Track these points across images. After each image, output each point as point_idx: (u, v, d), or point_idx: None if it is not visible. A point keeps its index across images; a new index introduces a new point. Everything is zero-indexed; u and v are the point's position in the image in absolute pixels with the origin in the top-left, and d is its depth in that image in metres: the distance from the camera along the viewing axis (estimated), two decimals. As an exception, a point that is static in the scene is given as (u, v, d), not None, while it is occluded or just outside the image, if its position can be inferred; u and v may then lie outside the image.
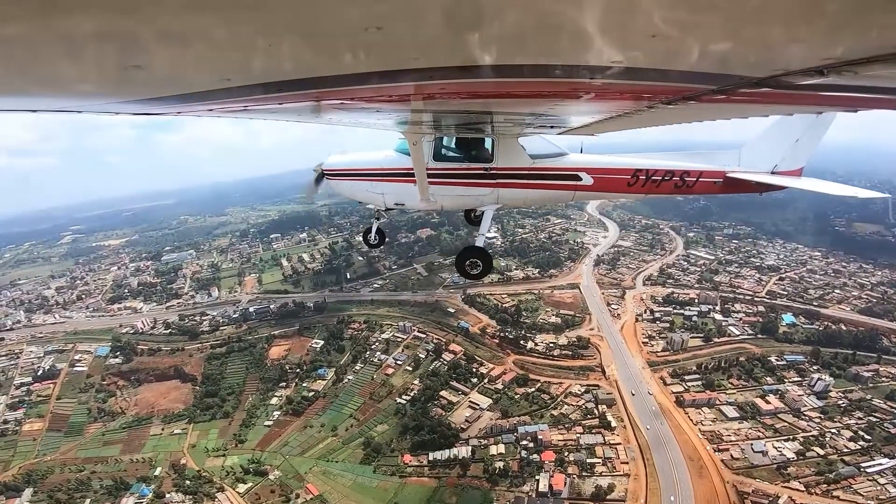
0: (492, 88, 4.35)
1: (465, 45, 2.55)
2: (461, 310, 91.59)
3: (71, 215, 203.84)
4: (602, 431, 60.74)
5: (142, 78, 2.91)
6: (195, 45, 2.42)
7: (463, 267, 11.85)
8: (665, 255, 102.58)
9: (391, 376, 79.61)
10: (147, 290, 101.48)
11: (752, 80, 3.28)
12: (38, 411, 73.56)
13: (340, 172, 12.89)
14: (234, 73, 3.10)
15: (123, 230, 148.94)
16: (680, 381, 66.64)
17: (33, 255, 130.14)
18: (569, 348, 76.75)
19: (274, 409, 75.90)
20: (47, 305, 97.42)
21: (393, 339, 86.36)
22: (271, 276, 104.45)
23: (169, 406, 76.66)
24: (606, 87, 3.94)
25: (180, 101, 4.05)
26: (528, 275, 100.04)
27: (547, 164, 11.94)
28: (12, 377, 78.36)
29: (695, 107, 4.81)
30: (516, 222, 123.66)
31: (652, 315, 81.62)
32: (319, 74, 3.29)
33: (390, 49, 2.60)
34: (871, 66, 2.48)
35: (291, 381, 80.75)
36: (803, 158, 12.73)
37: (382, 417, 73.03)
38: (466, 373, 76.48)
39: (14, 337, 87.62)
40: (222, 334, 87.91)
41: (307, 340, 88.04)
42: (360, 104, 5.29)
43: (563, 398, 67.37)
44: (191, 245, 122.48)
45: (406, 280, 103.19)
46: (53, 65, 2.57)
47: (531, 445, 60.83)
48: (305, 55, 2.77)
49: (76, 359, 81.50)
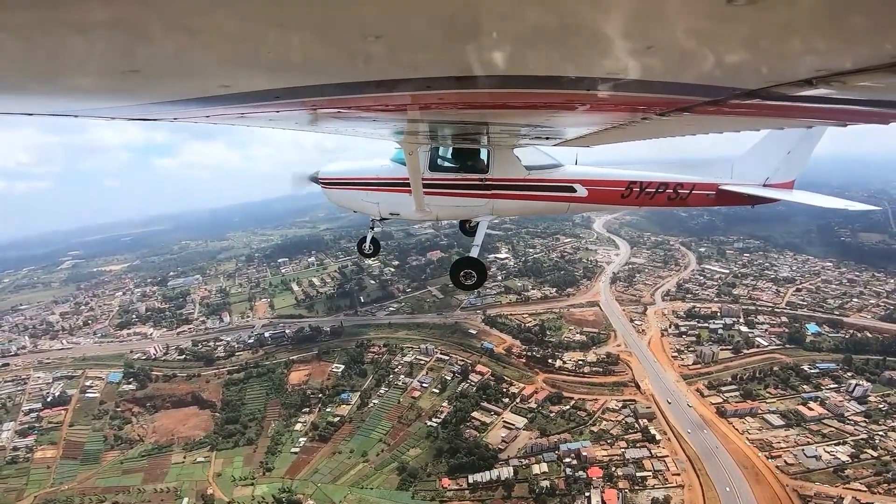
0: (488, 99, 4.46)
1: (462, 56, 2.64)
2: (483, 331, 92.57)
3: (68, 240, 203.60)
4: (647, 445, 62.04)
5: (139, 82, 2.98)
6: (194, 51, 2.48)
7: (457, 278, 12.02)
8: (680, 270, 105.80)
9: (418, 399, 79.58)
10: (156, 315, 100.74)
11: (745, 92, 3.42)
12: (49, 438, 71.82)
13: (336, 181, 13.09)
14: (232, 80, 3.21)
15: (124, 255, 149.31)
16: (717, 392, 68.58)
17: (33, 281, 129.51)
18: (599, 365, 78.21)
19: (299, 436, 75.03)
20: (52, 331, 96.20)
21: (416, 361, 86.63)
22: (283, 301, 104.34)
23: (189, 433, 75.25)
24: (602, 98, 4.05)
25: (178, 107, 4.10)
26: (545, 294, 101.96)
27: (542, 176, 12.24)
28: (20, 403, 76.76)
29: (688, 119, 5.02)
30: (526, 243, 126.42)
31: (677, 329, 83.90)
32: (317, 83, 3.42)
33: (388, 58, 2.68)
34: (858, 76, 2.60)
35: (314, 407, 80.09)
36: (795, 171, 13.26)
37: (414, 441, 72.70)
38: (497, 393, 76.98)
39: (20, 363, 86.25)
40: (239, 360, 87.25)
41: (327, 365, 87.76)
42: (357, 113, 5.46)
43: (601, 414, 68.46)
44: (196, 270, 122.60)
45: (421, 302, 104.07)
46: (51, 68, 2.65)
47: (575, 463, 61.43)
48: (303, 63, 2.86)
49: (87, 385, 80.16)
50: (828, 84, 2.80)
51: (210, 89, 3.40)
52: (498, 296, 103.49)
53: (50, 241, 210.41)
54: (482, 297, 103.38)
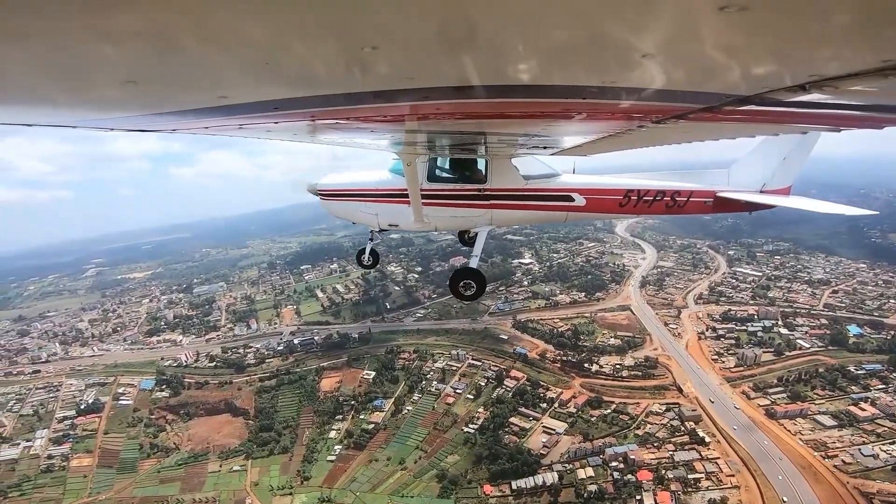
0: (486, 109, 4.49)
1: (459, 66, 2.68)
2: (514, 336, 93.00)
3: (89, 248, 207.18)
4: (696, 447, 62.10)
5: (137, 94, 3.02)
6: (191, 61, 2.52)
7: (457, 288, 12.21)
8: (710, 273, 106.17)
9: (452, 405, 79.94)
10: (184, 322, 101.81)
11: (739, 98, 3.47)
12: (85, 446, 72.33)
13: (334, 193, 13.28)
14: (230, 92, 3.25)
15: (147, 263, 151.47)
16: (763, 394, 68.71)
17: (59, 288, 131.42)
18: (637, 369, 78.46)
19: (334, 443, 75.32)
20: (83, 338, 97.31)
21: (447, 367, 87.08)
22: (309, 308, 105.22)
23: (224, 441, 75.70)
24: (598, 107, 4.14)
25: (176, 119, 4.15)
26: (574, 299, 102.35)
27: (540, 185, 12.43)
28: (53, 410, 77.35)
29: (684, 126, 5.11)
30: (549, 247, 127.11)
31: (715, 332, 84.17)
32: (315, 94, 3.45)
33: (385, 69, 2.70)
34: (851, 81, 2.64)
35: (348, 414, 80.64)
36: (791, 177, 13.41)
37: (451, 448, 72.94)
38: (534, 398, 77.21)
39: (51, 369, 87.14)
40: (269, 367, 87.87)
41: (358, 371, 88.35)
42: (355, 124, 5.50)
43: (645, 417, 68.70)
44: (219, 277, 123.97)
45: (448, 308, 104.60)
46: (48, 79, 2.69)
47: (622, 466, 61.57)
48: (301, 74, 2.90)
49: (120, 392, 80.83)
50: (821, 89, 2.87)
51: (208, 100, 3.47)
52: (526, 301, 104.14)
53: (71, 249, 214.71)
54: (510, 302, 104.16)
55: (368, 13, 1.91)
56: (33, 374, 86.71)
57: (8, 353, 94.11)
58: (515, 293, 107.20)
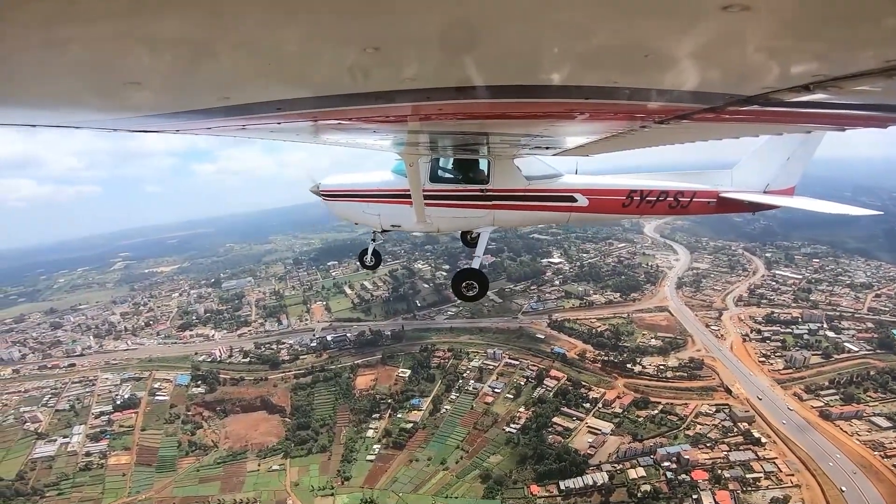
0: (488, 109, 4.58)
1: (461, 67, 2.74)
2: (551, 335, 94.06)
3: (114, 242, 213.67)
4: (751, 447, 62.69)
5: (141, 95, 3.12)
6: (194, 63, 2.59)
7: (459, 289, 12.34)
8: (748, 275, 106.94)
9: (491, 405, 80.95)
10: (215, 317, 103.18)
11: (742, 98, 3.52)
12: (123, 443, 72.95)
13: (337, 193, 13.55)
14: (233, 92, 3.33)
15: (172, 257, 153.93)
16: (815, 396, 69.50)
17: (88, 281, 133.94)
18: (682, 370, 79.22)
19: (373, 443, 76.29)
20: (115, 331, 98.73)
21: (484, 366, 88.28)
22: (339, 304, 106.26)
23: (262, 439, 76.38)
24: (600, 107, 4.21)
25: (179, 119, 4.26)
26: (609, 299, 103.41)
27: (542, 186, 12.61)
28: (89, 405, 78.20)
29: (687, 126, 5.18)
30: (578, 247, 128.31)
31: (760, 335, 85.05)
32: (317, 94, 3.53)
33: (387, 70, 2.78)
34: (855, 81, 2.69)
35: (384, 412, 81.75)
36: (795, 177, 13.55)
37: (493, 447, 73.73)
38: (577, 398, 78.11)
39: (86, 363, 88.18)
40: (304, 363, 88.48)
41: (393, 369, 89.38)
42: (357, 124, 5.62)
43: (694, 418, 69.72)
44: (246, 272, 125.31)
45: (480, 307, 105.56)
46: (53, 80, 2.76)
47: (675, 466, 62.34)
48: (303, 75, 2.98)
49: (156, 387, 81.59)
50: (825, 89, 2.91)
51: (211, 101, 3.55)
52: (559, 300, 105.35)
53: (97, 243, 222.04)
54: (542, 301, 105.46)
55: (371, 14, 1.99)
56: (68, 367, 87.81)
57: (41, 345, 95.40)
58: (547, 293, 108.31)
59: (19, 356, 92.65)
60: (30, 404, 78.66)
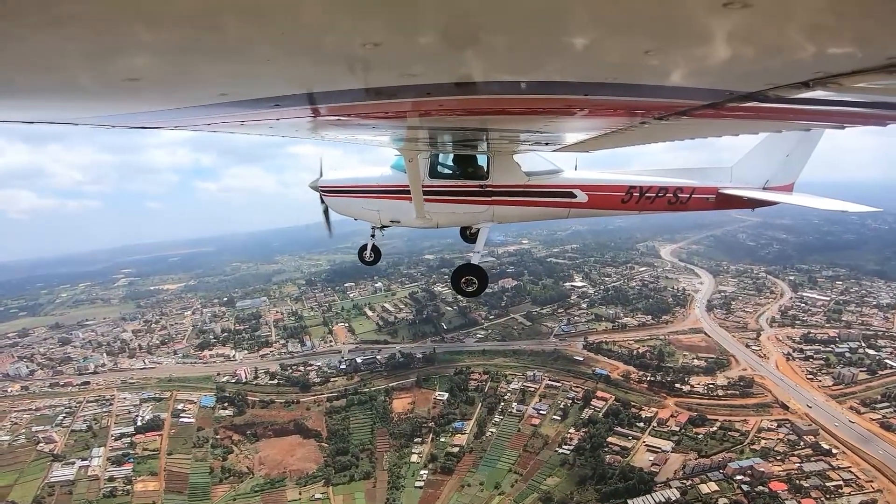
0: (488, 105, 4.83)
1: (461, 63, 2.93)
2: (589, 357, 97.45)
3: (115, 258, 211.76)
4: (822, 458, 65.46)
5: (139, 90, 3.29)
6: (192, 59, 2.73)
7: (458, 284, 13.28)
8: (776, 297, 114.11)
9: (539, 426, 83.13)
10: (233, 336, 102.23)
11: (742, 94, 3.74)
12: (148, 467, 70.29)
13: (336, 189, 14.19)
14: (231, 88, 3.55)
15: (178, 275, 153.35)
16: (872, 409, 74.50)
17: (91, 296, 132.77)
18: (733, 388, 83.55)
19: (419, 468, 76.55)
20: (129, 349, 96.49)
21: (524, 388, 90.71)
22: (362, 326, 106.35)
23: (300, 466, 74.90)
24: (600, 102, 4.51)
25: (178, 115, 4.53)
26: (642, 321, 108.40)
27: (542, 182, 13.22)
28: (107, 426, 75.67)
29: (687, 122, 5.48)
30: (599, 271, 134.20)
31: (802, 354, 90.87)
32: (316, 90, 3.75)
33: (387, 65, 2.94)
34: (855, 78, 2.86)
35: (426, 437, 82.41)
36: (795, 173, 14.28)
37: (548, 469, 74.83)
38: (629, 418, 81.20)
39: (101, 381, 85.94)
40: (335, 386, 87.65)
41: (429, 392, 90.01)
42: (356, 120, 5.92)
43: (756, 433, 73.70)
44: (257, 292, 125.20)
45: (509, 330, 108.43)
46: (52, 76, 2.94)
47: (748, 479, 65.06)
48: (302, 71, 3.15)
49: (179, 408, 79.46)
50: (825, 86, 3.10)
51: (209, 97, 3.79)
52: (589, 323, 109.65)
53: (99, 258, 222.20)
54: (573, 324, 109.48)
55: (369, 10, 2.11)
56: (82, 385, 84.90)
57: (51, 361, 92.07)
58: (576, 316, 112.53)
59: (27, 372, 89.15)
60: (42, 423, 75.22)
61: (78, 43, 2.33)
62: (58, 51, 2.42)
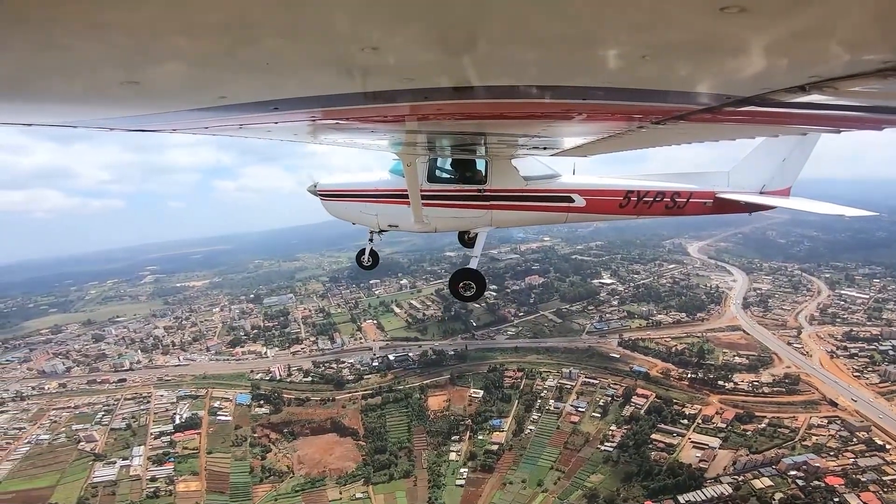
0: (485, 109, 4.97)
1: (459, 67, 3.00)
2: (625, 355, 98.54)
3: (138, 256, 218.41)
4: (876, 454, 66.60)
5: (138, 93, 3.39)
6: (192, 62, 2.82)
7: (456, 289, 13.36)
8: (813, 295, 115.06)
9: (578, 424, 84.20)
10: (263, 333, 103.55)
11: (739, 99, 3.84)
12: (189, 467, 71.14)
13: (334, 193, 14.42)
14: (229, 92, 3.64)
15: (202, 272, 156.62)
16: (921, 405, 76.18)
17: (119, 293, 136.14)
18: (779, 385, 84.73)
19: (458, 466, 77.46)
20: (163, 346, 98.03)
21: (561, 385, 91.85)
22: (390, 323, 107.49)
23: (339, 464, 76.14)
24: (597, 107, 4.63)
25: (176, 118, 4.65)
26: (676, 319, 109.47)
27: (540, 186, 13.56)
28: (146, 424, 76.70)
29: (684, 127, 5.69)
30: (627, 268, 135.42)
31: (847, 351, 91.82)
32: (314, 94, 3.84)
33: (385, 69, 3.02)
34: (851, 82, 2.96)
35: (464, 434, 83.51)
36: (791, 178, 14.64)
37: (591, 467, 75.85)
38: (672, 415, 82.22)
39: (137, 378, 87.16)
40: (369, 383, 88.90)
41: (464, 390, 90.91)
42: (354, 124, 6.09)
43: (807, 430, 74.86)
44: (282, 289, 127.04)
45: (540, 327, 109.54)
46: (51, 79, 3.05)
47: (802, 474, 65.73)
48: (300, 75, 3.24)
49: (215, 406, 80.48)
50: (821, 90, 3.19)
51: (208, 100, 3.89)
52: (622, 321, 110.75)
53: (122, 256, 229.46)
54: (605, 321, 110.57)
55: (367, 14, 2.16)
56: (118, 382, 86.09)
57: (86, 358, 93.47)
58: (608, 313, 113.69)
59: (63, 369, 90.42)
60: (82, 422, 76.36)
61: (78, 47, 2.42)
62: (58, 55, 2.51)
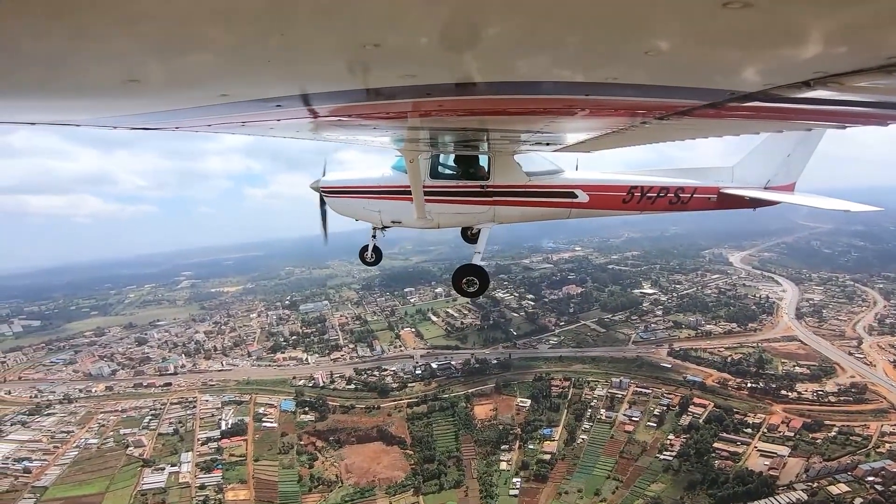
0: (488, 105, 5.07)
1: (461, 63, 3.08)
2: (676, 364, 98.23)
3: (173, 261, 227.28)
4: None
5: (140, 92, 3.47)
6: (193, 60, 2.88)
7: (459, 285, 13.82)
8: (869, 306, 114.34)
9: (633, 433, 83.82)
10: (303, 340, 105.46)
11: (743, 94, 3.91)
12: (237, 475, 71.31)
13: (337, 190, 14.82)
14: (231, 89, 3.72)
15: (235, 278, 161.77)
16: None
17: (157, 297, 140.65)
18: (845, 394, 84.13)
19: (510, 476, 77.28)
20: (205, 350, 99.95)
21: (611, 395, 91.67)
22: (429, 331, 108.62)
23: (387, 474, 76.23)
24: (602, 103, 4.76)
25: (178, 116, 4.83)
26: (727, 329, 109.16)
27: (543, 182, 13.87)
28: (193, 429, 77.44)
29: (688, 123, 5.78)
30: (668, 278, 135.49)
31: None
32: (317, 91, 3.95)
33: (388, 66, 3.10)
34: (855, 77, 3.00)
35: (513, 444, 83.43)
36: (795, 173, 14.91)
37: (651, 475, 75.29)
38: (734, 424, 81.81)
39: (182, 383, 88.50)
40: (413, 391, 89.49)
41: (511, 399, 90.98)
42: (357, 121, 6.25)
43: (880, 437, 74.01)
44: (316, 295, 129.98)
45: (583, 336, 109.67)
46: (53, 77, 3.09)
47: (880, 480, 65.49)
48: (303, 72, 3.30)
49: (260, 412, 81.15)
50: (825, 86, 3.26)
51: (210, 98, 3.99)
52: (669, 330, 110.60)
53: (157, 261, 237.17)
54: (652, 331, 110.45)
55: (369, 11, 2.22)
56: (164, 386, 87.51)
57: (131, 361, 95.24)
58: (653, 323, 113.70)
59: (109, 372, 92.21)
60: (130, 426, 77.29)
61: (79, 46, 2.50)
62: (60, 53, 2.58)
